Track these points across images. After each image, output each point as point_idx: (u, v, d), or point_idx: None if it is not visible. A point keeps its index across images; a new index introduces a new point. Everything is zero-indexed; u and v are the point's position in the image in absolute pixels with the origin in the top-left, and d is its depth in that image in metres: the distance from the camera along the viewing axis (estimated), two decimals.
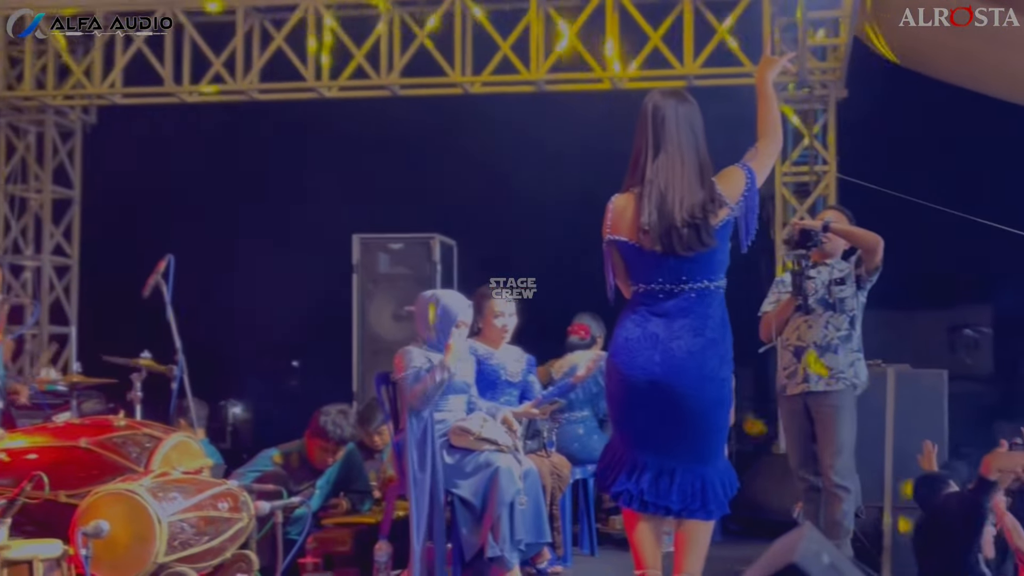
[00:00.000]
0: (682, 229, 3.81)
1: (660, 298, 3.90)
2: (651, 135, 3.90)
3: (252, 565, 4.58)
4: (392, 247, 8.20)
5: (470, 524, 5.21)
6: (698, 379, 3.85)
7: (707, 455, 3.94)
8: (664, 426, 3.90)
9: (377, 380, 5.72)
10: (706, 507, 3.90)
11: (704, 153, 3.93)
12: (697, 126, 3.95)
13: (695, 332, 3.86)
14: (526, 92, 8.50)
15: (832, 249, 5.51)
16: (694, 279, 3.88)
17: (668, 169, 3.85)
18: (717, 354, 3.89)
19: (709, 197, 3.84)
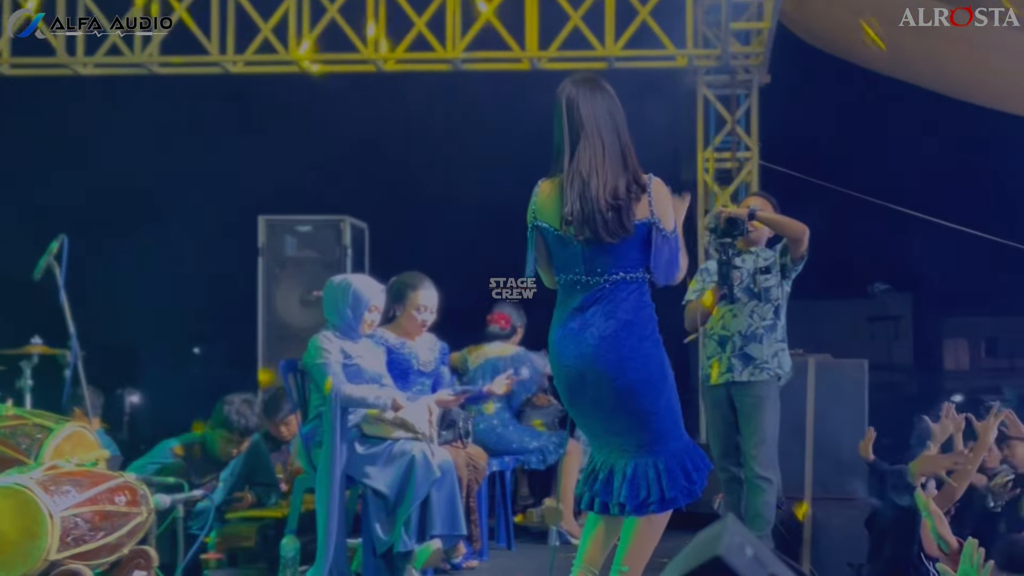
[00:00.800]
0: (606, 213, 3.81)
1: (577, 290, 3.92)
2: (567, 125, 3.90)
3: (151, 562, 4.48)
4: (300, 229, 8.04)
5: (382, 517, 5.12)
6: (616, 361, 3.82)
7: (654, 441, 3.88)
8: (602, 419, 3.90)
9: (284, 368, 5.59)
10: (663, 498, 3.85)
11: (625, 136, 3.92)
12: (615, 110, 3.93)
13: (606, 316, 3.86)
14: (442, 71, 8.39)
15: (757, 237, 5.52)
16: (609, 271, 3.88)
17: (590, 156, 3.85)
18: (634, 333, 3.85)
19: (633, 179, 3.84)
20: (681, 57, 8.13)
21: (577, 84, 3.94)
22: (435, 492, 5.18)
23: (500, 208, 4.19)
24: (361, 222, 8.22)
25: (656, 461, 3.86)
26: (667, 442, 3.90)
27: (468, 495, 5.82)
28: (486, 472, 6.03)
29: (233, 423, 5.91)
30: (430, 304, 5.77)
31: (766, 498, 5.34)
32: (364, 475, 5.18)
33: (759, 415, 5.42)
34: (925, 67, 7.36)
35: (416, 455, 5.15)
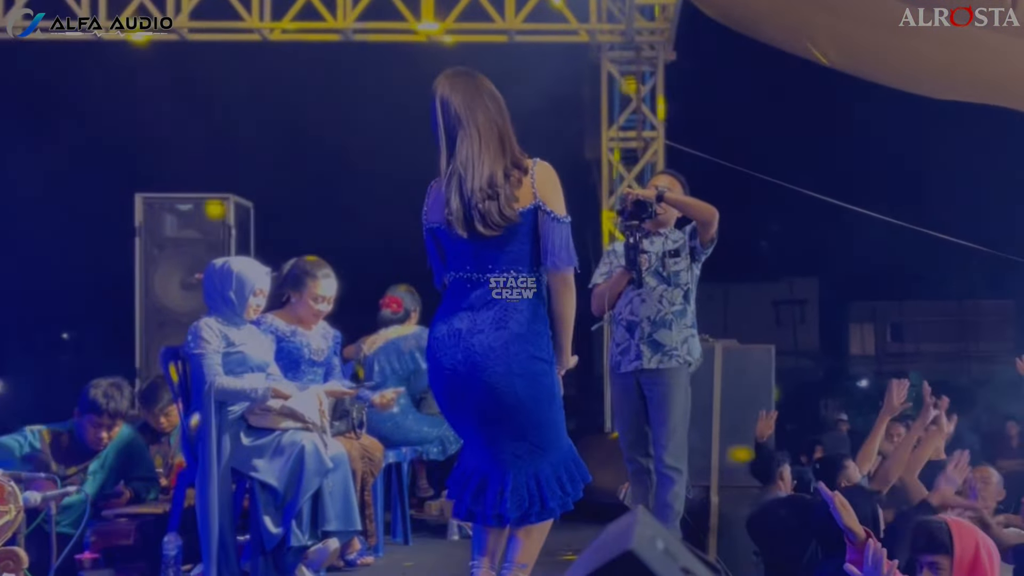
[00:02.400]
0: (483, 203, 3.82)
1: (467, 287, 3.91)
2: (443, 122, 3.92)
3: (21, 563, 4.35)
4: (180, 208, 7.88)
5: (272, 511, 5.05)
6: (504, 375, 3.83)
7: (537, 451, 3.89)
8: (484, 427, 3.90)
9: (164, 355, 5.46)
10: (545, 507, 3.88)
11: (504, 124, 3.91)
12: (491, 99, 3.93)
13: (497, 325, 3.84)
14: (331, 41, 8.28)
15: (666, 219, 5.55)
16: (499, 268, 3.87)
17: (467, 149, 3.87)
18: (525, 349, 3.85)
19: (512, 164, 3.85)
20: (584, 32, 8.15)
21: (450, 78, 3.96)
22: (326, 486, 5.12)
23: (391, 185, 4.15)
24: (246, 200, 8.07)
25: (536, 471, 3.88)
26: (546, 453, 3.92)
27: (363, 488, 5.78)
28: (382, 464, 6.00)
29: (101, 406, 5.75)
30: (329, 294, 5.71)
31: (676, 489, 5.38)
32: (251, 468, 5.11)
33: (669, 404, 5.44)
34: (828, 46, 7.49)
35: (306, 446, 5.09)
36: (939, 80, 7.69)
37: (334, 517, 5.12)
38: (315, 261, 5.73)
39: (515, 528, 3.91)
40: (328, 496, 5.13)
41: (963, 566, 3.51)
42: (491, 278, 3.86)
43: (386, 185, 4.36)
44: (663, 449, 5.39)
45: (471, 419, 3.90)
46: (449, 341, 3.87)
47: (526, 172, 3.83)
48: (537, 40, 8.14)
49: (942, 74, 7.61)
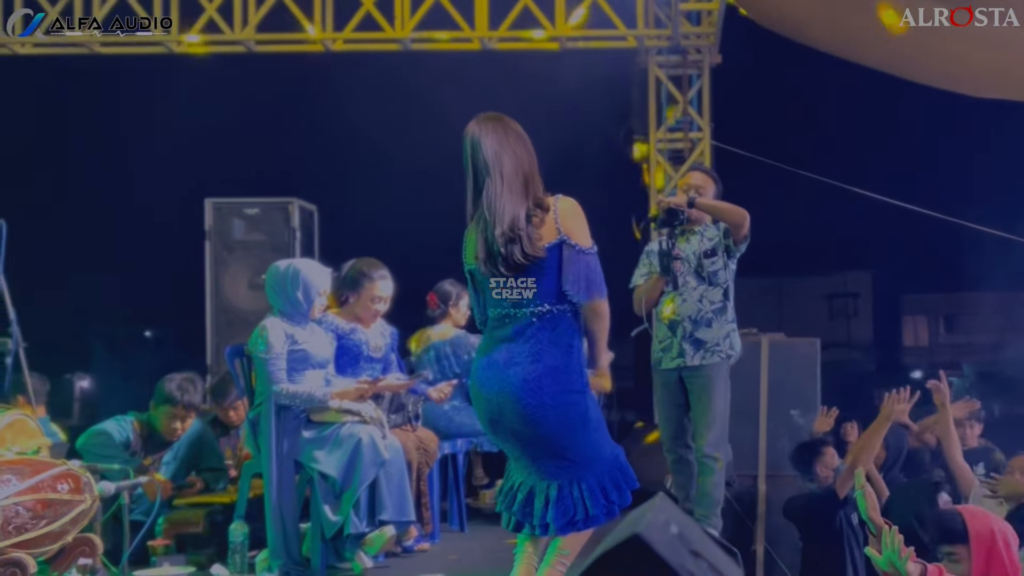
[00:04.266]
0: (505, 247, 3.92)
1: (505, 322, 4.02)
2: (472, 166, 4.00)
3: (96, 549, 4.53)
4: (247, 212, 8.03)
5: (331, 500, 5.18)
6: (537, 407, 3.93)
7: (574, 467, 3.99)
8: (524, 447, 4.01)
9: (230, 353, 5.63)
10: (589, 515, 3.97)
11: (529, 169, 3.99)
12: (518, 144, 4.00)
13: (533, 359, 3.95)
14: (392, 51, 8.42)
15: (700, 217, 5.59)
16: (534, 303, 3.97)
17: (491, 195, 3.95)
18: (557, 381, 3.94)
19: (534, 205, 3.94)
20: (632, 37, 8.21)
21: (481, 124, 4.01)
22: (383, 476, 5.25)
23: (447, 189, 4.25)
24: (310, 204, 8.23)
25: (579, 481, 3.98)
26: (588, 467, 4.00)
27: (419, 478, 5.89)
28: (437, 455, 6.10)
29: (175, 398, 5.96)
30: (386, 294, 5.84)
31: (716, 478, 5.43)
32: (312, 459, 5.24)
33: (709, 396, 5.50)
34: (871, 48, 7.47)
35: (363, 438, 5.21)
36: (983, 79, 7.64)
37: (389, 507, 5.26)
38: (372, 263, 5.85)
39: (562, 535, 4.00)
40: (384, 486, 5.26)
41: (980, 553, 3.54)
42: (526, 312, 3.97)
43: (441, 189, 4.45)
44: (704, 439, 5.44)
45: (511, 441, 4.03)
46: (489, 372, 4.00)
47: (548, 210, 3.93)
48: (587, 46, 8.21)
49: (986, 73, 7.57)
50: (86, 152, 8.93)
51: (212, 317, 7.95)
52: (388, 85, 8.48)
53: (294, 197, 8.00)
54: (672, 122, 8.41)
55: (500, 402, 3.96)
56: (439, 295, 6.73)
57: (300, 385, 5.30)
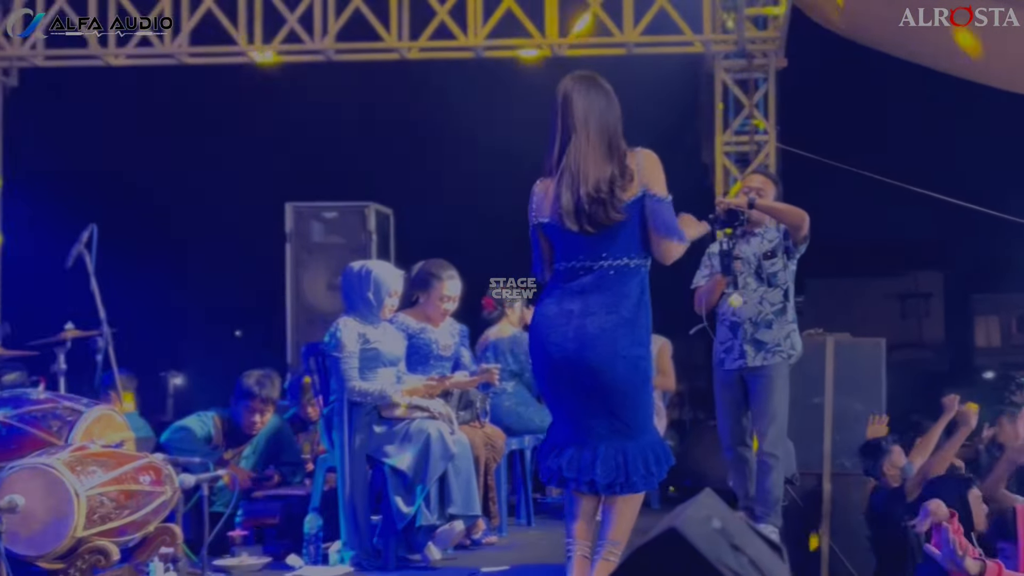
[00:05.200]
0: (589, 206, 3.95)
1: (580, 275, 4.04)
2: (560, 120, 4.04)
3: (176, 538, 4.61)
4: (326, 216, 8.16)
5: (402, 493, 5.26)
6: (609, 356, 3.96)
7: (628, 431, 4.02)
8: (582, 401, 4.02)
9: (305, 351, 5.75)
10: (629, 481, 4.00)
11: (614, 131, 4.03)
12: (606, 106, 4.05)
13: (608, 309, 3.98)
14: (464, 58, 8.50)
15: (760, 218, 5.58)
16: (613, 256, 4.01)
17: (576, 150, 3.99)
18: (629, 333, 3.99)
19: (618, 172, 3.97)
20: (698, 43, 8.19)
21: (573, 80, 4.10)
22: (452, 471, 5.32)
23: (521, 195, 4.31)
24: (386, 208, 8.34)
25: (624, 449, 4.01)
26: (636, 434, 4.04)
27: (486, 474, 5.96)
28: (504, 451, 6.16)
29: (254, 392, 6.10)
30: (454, 294, 5.92)
31: (775, 476, 5.41)
32: (383, 454, 5.32)
33: (769, 395, 5.47)
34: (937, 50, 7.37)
35: (432, 433, 5.28)
36: None
37: (458, 500, 5.33)
38: (441, 264, 5.94)
39: (604, 496, 4.03)
40: (453, 480, 5.33)
41: None
42: (604, 264, 3.99)
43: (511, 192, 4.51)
44: (763, 438, 5.42)
45: (571, 394, 4.02)
46: (561, 320, 4.00)
47: (631, 170, 3.96)
48: (654, 52, 8.21)
49: None
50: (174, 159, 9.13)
51: (292, 317, 8.09)
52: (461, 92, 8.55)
53: (371, 201, 8.11)
54: (737, 125, 8.37)
55: (572, 350, 3.96)
56: (495, 298, 6.82)
57: (372, 383, 5.39)
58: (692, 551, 2.39)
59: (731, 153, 8.38)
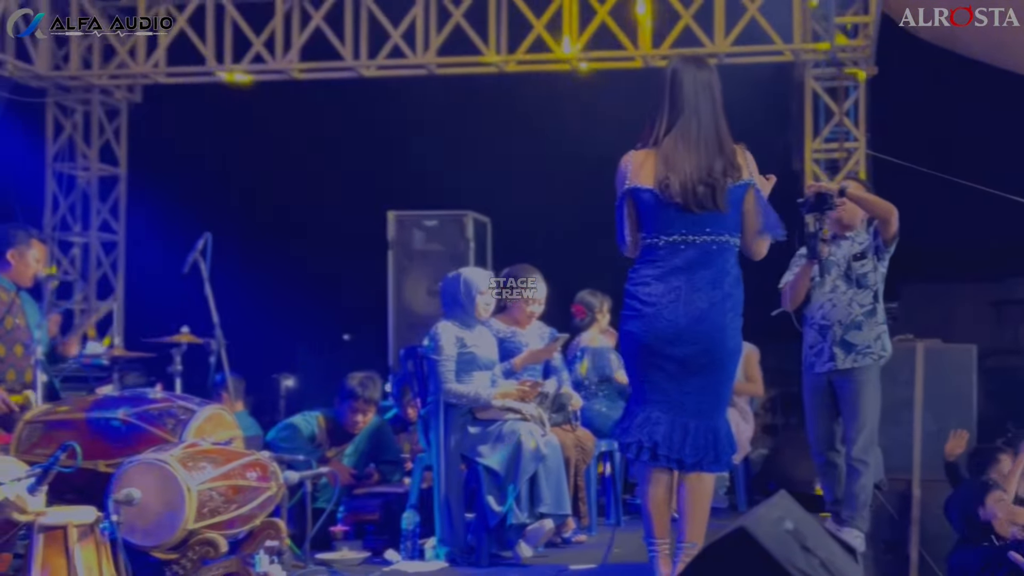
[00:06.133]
0: (698, 187, 3.97)
1: (681, 249, 4.04)
2: (669, 98, 4.06)
3: (281, 532, 4.70)
4: (426, 224, 8.29)
5: (494, 492, 5.34)
6: (720, 328, 4.02)
7: (717, 409, 4.10)
8: (682, 378, 4.04)
9: (404, 354, 5.87)
10: (719, 459, 4.06)
11: (721, 118, 4.07)
12: (716, 92, 4.09)
13: (713, 284, 4.02)
14: (560, 70, 8.57)
15: (850, 219, 5.52)
16: (716, 232, 4.03)
17: (685, 131, 4.01)
18: (733, 306, 4.07)
19: (728, 162, 4.00)
20: (789, 52, 8.13)
21: (685, 61, 4.17)
22: (543, 471, 5.39)
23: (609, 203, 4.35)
24: (484, 216, 8.45)
25: (715, 427, 4.06)
26: (720, 413, 4.12)
27: (576, 474, 6.02)
28: (594, 452, 6.21)
29: (357, 393, 6.23)
30: (539, 297, 5.99)
31: (863, 481, 5.34)
32: (476, 454, 5.41)
33: (859, 400, 5.40)
34: None
35: (524, 434, 5.35)
36: None
37: (548, 500, 5.39)
38: (526, 268, 6.01)
39: (686, 473, 4.05)
40: (543, 480, 5.40)
41: None
42: (707, 239, 4.02)
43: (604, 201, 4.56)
44: (853, 443, 5.36)
45: (674, 369, 4.02)
46: (670, 296, 4.01)
47: (740, 167, 4.02)
48: (744, 61, 8.19)
49: None
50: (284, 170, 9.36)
51: (394, 321, 8.24)
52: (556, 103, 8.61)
53: (469, 210, 8.22)
54: (828, 133, 8.29)
55: (685, 325, 3.98)
56: (585, 304, 6.88)
57: (467, 385, 5.50)
58: (761, 551, 2.40)
59: (821, 160, 8.31)
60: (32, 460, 4.41)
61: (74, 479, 4.36)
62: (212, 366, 6.54)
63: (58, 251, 9.43)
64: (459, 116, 9.01)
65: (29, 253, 5.91)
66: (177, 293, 6.89)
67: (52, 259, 9.14)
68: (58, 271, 8.73)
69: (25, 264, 5.88)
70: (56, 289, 6.06)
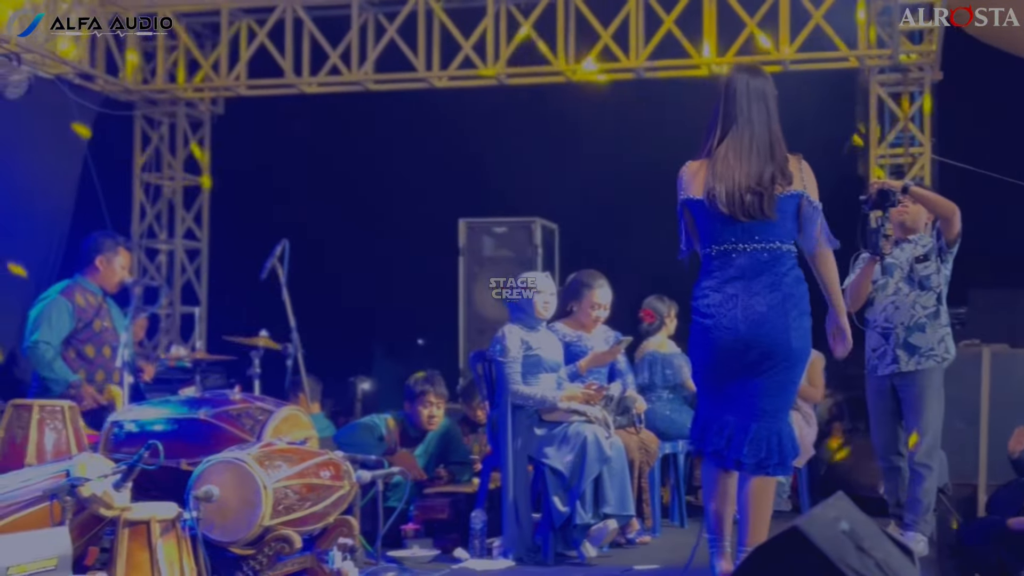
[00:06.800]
0: (746, 195, 3.96)
1: (733, 258, 4.04)
2: (722, 107, 4.06)
3: (353, 529, 4.76)
4: (496, 231, 8.35)
5: (560, 492, 5.37)
6: (783, 329, 3.98)
7: (781, 411, 4.06)
8: (747, 380, 4.02)
9: (473, 358, 5.93)
10: (783, 462, 4.02)
11: (775, 127, 4.05)
12: (770, 100, 4.07)
13: (771, 287, 4.00)
14: (626, 79, 8.58)
15: (912, 222, 5.46)
16: (766, 239, 4.01)
17: (737, 140, 4.00)
18: (796, 306, 4.02)
19: (778, 170, 3.97)
20: (853, 58, 8.05)
21: (739, 70, 4.15)
22: (607, 472, 5.41)
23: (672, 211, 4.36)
24: (551, 223, 8.49)
25: (779, 430, 4.01)
26: (784, 415, 4.07)
27: (640, 476, 6.03)
28: (658, 455, 6.21)
29: (423, 391, 6.28)
30: (604, 301, 6.02)
31: (927, 485, 5.30)
32: (542, 455, 5.45)
33: (923, 404, 5.35)
34: None
35: (588, 436, 5.38)
36: None
37: (612, 500, 5.41)
38: (592, 273, 6.06)
39: (751, 475, 4.02)
40: (608, 481, 5.42)
41: None
42: (757, 247, 4.00)
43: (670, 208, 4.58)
44: (916, 447, 5.32)
45: (737, 373, 4.02)
46: (728, 304, 4.00)
47: (791, 177, 3.99)
48: (809, 68, 8.13)
49: None
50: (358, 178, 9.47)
51: (464, 326, 8.31)
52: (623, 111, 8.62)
53: (537, 217, 8.27)
54: (893, 138, 8.18)
55: (745, 330, 3.97)
56: (653, 310, 6.88)
57: (534, 387, 5.54)
58: (814, 550, 2.39)
59: (886, 165, 8.21)
60: (118, 458, 4.54)
61: (157, 476, 4.50)
62: (289, 369, 6.65)
63: (145, 258, 9.66)
64: (528, 125, 9.06)
65: (116, 260, 6.10)
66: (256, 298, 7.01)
67: (139, 266, 9.37)
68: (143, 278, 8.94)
69: (112, 271, 6.06)
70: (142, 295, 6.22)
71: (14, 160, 8.23)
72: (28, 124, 8.23)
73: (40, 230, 8.56)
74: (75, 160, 8.80)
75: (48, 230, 8.65)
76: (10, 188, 8.02)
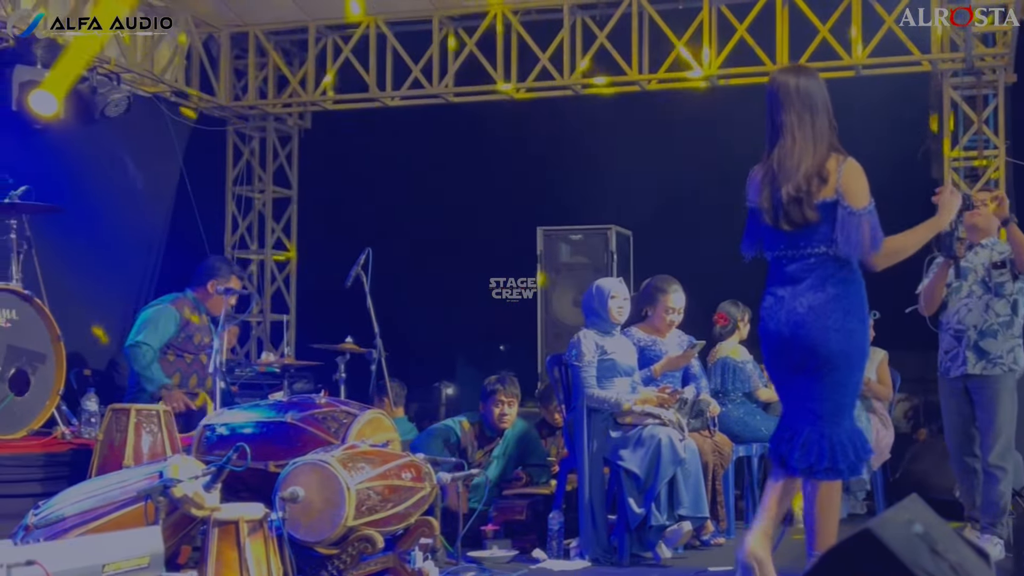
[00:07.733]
0: (787, 204, 3.85)
1: (783, 264, 3.96)
2: (770, 116, 3.95)
3: (433, 529, 4.80)
4: (572, 238, 8.33)
5: (635, 494, 5.35)
6: (821, 330, 3.83)
7: (833, 414, 3.87)
8: (798, 384, 3.91)
9: (549, 362, 5.93)
10: (835, 467, 3.84)
11: (821, 126, 3.87)
12: (815, 99, 3.89)
13: (815, 289, 3.87)
14: (698, 89, 8.51)
15: (986, 226, 5.35)
16: (812, 245, 3.89)
17: (781, 145, 3.89)
18: (840, 307, 3.85)
19: (815, 171, 3.83)
20: (926, 62, 7.87)
21: (784, 72, 4.00)
22: (681, 474, 5.37)
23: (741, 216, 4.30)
24: (626, 230, 8.45)
25: (831, 434, 3.85)
26: (842, 419, 3.90)
27: (714, 479, 5.97)
28: (731, 458, 6.14)
29: (497, 390, 6.27)
30: (678, 306, 5.98)
31: (1001, 487, 5.20)
32: (618, 457, 5.44)
33: (996, 407, 5.28)
34: None
35: (663, 439, 5.35)
36: None
37: (687, 502, 5.37)
38: (666, 278, 6.02)
39: (805, 480, 3.90)
40: (682, 483, 5.38)
41: None
42: (805, 252, 3.89)
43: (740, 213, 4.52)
44: (989, 449, 5.21)
45: (790, 376, 3.93)
46: (776, 306, 3.93)
47: (827, 177, 3.81)
48: (882, 73, 7.97)
49: None
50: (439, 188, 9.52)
51: (542, 331, 8.30)
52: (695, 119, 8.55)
53: (612, 224, 8.24)
54: (967, 141, 7.99)
55: (787, 332, 3.87)
56: (727, 314, 6.82)
57: (608, 391, 5.52)
58: (887, 553, 2.30)
59: (960, 168, 8.02)
60: (209, 460, 4.62)
61: (246, 478, 4.58)
62: (373, 373, 6.70)
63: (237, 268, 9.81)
64: (602, 134, 9.03)
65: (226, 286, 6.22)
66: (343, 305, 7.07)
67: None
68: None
69: (220, 300, 6.20)
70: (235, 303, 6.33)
71: (116, 174, 8.45)
72: (128, 140, 8.45)
73: (140, 241, 8.78)
74: (172, 174, 9.00)
75: (148, 241, 8.87)
76: (112, 201, 8.23)
